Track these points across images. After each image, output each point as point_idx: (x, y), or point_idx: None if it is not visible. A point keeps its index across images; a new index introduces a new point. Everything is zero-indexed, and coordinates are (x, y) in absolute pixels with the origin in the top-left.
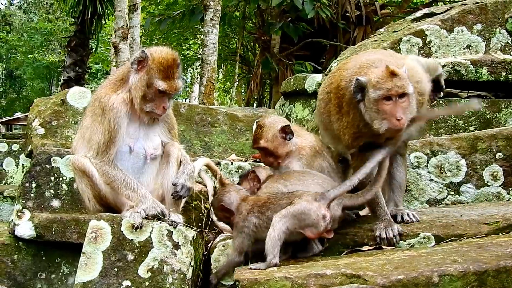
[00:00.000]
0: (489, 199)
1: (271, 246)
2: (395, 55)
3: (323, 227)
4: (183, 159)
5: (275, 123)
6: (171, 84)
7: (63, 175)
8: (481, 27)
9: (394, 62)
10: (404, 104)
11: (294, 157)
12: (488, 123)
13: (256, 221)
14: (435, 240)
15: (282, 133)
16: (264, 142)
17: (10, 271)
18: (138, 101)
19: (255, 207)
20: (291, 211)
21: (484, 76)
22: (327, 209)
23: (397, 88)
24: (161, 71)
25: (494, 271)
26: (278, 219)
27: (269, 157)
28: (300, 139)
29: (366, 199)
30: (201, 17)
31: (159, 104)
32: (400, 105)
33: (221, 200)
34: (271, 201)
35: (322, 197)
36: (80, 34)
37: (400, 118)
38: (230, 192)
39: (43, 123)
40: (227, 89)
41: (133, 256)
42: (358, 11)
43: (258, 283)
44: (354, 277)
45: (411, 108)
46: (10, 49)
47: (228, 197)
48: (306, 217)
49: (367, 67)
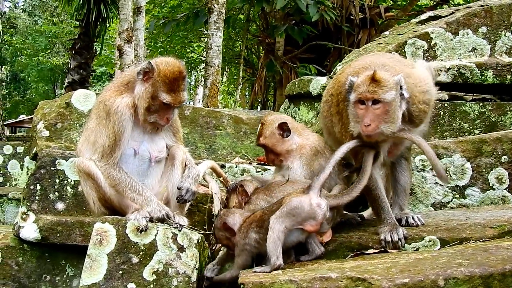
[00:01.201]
0: (494, 202)
1: (273, 248)
2: (402, 61)
3: (321, 215)
4: (188, 163)
5: (274, 120)
6: (175, 97)
7: (67, 177)
8: (487, 30)
9: (397, 68)
10: (378, 111)
11: (295, 156)
12: (493, 126)
13: (256, 236)
14: (440, 244)
15: (279, 130)
16: (263, 139)
17: (14, 274)
18: (142, 112)
19: (253, 223)
20: (285, 209)
21: (489, 79)
22: (320, 198)
23: (368, 93)
24: (166, 84)
25: (499, 274)
26: (275, 220)
27: (270, 154)
28: (301, 138)
29: (352, 197)
30: (206, 20)
31: (163, 116)
32: (372, 111)
33: (225, 219)
34: (266, 213)
35: (309, 188)
36: (85, 37)
37: (366, 124)
38: (234, 214)
39: (48, 126)
40: (231, 91)
41: (138, 259)
42: (362, 14)
43: (263, 286)
44: (359, 281)
45: (388, 117)
46: (14, 52)
47: (232, 218)
48: (300, 211)
49: (365, 69)
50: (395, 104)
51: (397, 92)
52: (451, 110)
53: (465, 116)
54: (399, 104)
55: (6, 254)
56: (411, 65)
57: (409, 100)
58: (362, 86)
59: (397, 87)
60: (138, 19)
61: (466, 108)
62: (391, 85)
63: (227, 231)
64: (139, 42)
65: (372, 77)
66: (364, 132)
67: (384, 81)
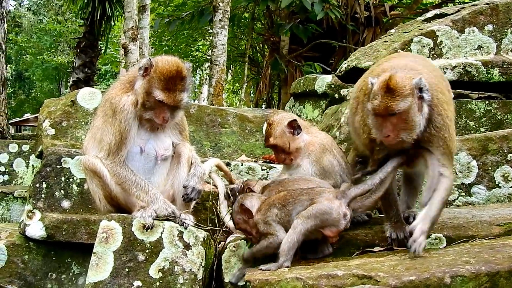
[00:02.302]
0: (500, 200)
1: (288, 248)
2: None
3: (343, 225)
4: (193, 161)
5: (282, 119)
6: (169, 95)
7: (73, 175)
8: (492, 28)
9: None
10: (395, 121)
11: (304, 154)
12: (499, 124)
13: (277, 212)
14: (446, 241)
15: (289, 128)
16: (273, 139)
17: (20, 272)
18: (139, 107)
19: (276, 201)
20: (314, 211)
21: (495, 77)
22: (347, 207)
23: (382, 107)
24: (161, 81)
25: (506, 272)
26: (301, 221)
27: (281, 154)
28: (309, 135)
29: (365, 206)
30: (210, 18)
31: (158, 114)
32: (390, 121)
33: (243, 201)
34: (291, 195)
35: (342, 195)
36: (89, 36)
37: (386, 135)
38: (252, 197)
39: (54, 124)
40: (236, 90)
41: (144, 257)
42: (367, 12)
43: (269, 284)
44: (366, 278)
45: (407, 124)
46: (19, 51)
47: (250, 200)
48: (328, 217)
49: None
50: (412, 110)
51: (414, 98)
52: (457, 108)
53: (471, 114)
54: (417, 109)
55: (12, 252)
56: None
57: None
58: (377, 98)
59: (413, 92)
60: (143, 18)
61: (472, 106)
62: (407, 92)
63: (245, 214)
64: (144, 40)
65: (387, 85)
66: (386, 142)
67: (400, 88)
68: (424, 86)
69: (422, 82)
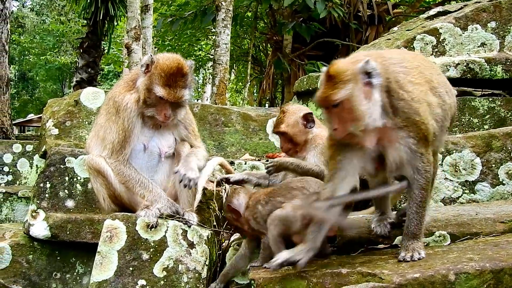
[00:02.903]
0: (504, 197)
1: (274, 250)
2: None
3: None
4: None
5: (299, 109)
6: (170, 92)
7: (77, 175)
8: (496, 25)
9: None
10: (340, 112)
11: (309, 147)
12: (503, 121)
13: (261, 209)
14: (450, 239)
15: (304, 120)
16: (285, 126)
17: (25, 271)
18: (141, 104)
19: (261, 197)
20: (278, 216)
21: (499, 74)
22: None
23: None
24: (162, 77)
25: (511, 269)
26: (270, 222)
27: (287, 143)
28: (319, 129)
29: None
30: (213, 18)
31: (160, 111)
32: (335, 113)
33: (230, 201)
34: (273, 193)
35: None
36: (92, 36)
37: (334, 128)
38: (239, 194)
39: (57, 124)
40: (239, 89)
41: (148, 255)
42: (370, 10)
43: (274, 282)
44: (370, 276)
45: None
46: (22, 51)
47: (236, 198)
48: (290, 225)
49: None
50: (356, 98)
51: (357, 84)
52: (461, 105)
53: (474, 112)
54: (364, 96)
55: (16, 252)
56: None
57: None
58: (320, 88)
59: (357, 77)
60: (146, 17)
61: (476, 103)
62: (348, 77)
63: (232, 212)
64: (147, 40)
65: (328, 72)
66: (335, 136)
67: (339, 74)
68: (373, 70)
69: (370, 66)
